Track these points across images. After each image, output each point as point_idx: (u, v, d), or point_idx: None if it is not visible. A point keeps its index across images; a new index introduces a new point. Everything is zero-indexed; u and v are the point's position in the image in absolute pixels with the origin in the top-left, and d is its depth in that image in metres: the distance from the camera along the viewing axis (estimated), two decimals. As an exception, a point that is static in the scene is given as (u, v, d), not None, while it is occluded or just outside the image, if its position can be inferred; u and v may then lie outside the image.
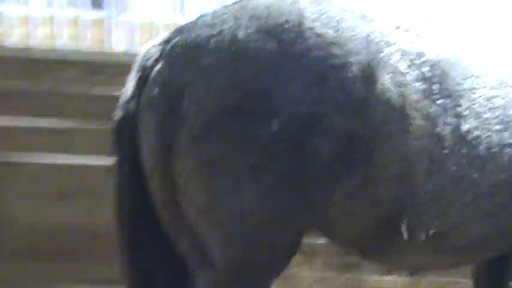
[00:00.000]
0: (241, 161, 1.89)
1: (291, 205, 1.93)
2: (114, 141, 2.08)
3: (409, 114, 1.94)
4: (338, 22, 1.96)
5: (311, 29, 1.92)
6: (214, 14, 2.02)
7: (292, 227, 1.99)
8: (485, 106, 2.04)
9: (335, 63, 1.91)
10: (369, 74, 1.93)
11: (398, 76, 1.95)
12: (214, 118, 1.90)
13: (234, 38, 1.92)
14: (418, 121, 1.94)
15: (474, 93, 2.03)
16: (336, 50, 1.92)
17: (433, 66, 1.99)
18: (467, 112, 2.01)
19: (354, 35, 1.95)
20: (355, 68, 1.92)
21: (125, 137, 2.06)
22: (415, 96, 1.95)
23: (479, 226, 2.09)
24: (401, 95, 1.94)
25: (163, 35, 2.13)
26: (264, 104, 1.89)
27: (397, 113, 1.93)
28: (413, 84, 1.95)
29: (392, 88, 1.93)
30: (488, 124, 2.03)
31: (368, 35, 1.97)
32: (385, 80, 1.94)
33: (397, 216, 2.00)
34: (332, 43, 1.92)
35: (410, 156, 1.95)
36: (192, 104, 1.92)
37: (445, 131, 1.97)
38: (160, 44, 2.06)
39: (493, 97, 2.06)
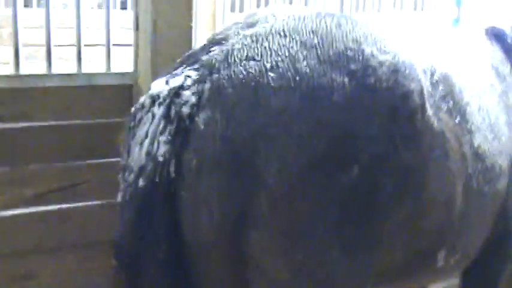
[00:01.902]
0: (327, 217, 1.61)
1: (371, 256, 1.72)
2: (133, 219, 1.68)
3: (447, 137, 1.84)
4: (386, 46, 1.75)
5: (373, 56, 1.70)
6: (244, 42, 1.70)
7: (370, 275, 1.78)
8: (480, 117, 2.03)
9: (402, 92, 1.70)
10: (423, 101, 1.76)
11: (431, 98, 1.83)
12: (300, 173, 1.58)
13: (297, 72, 1.62)
14: (453, 143, 1.86)
15: (471, 106, 2.00)
16: (400, 78, 1.71)
17: (444, 83, 1.92)
18: (473, 127, 1.98)
19: (405, 60, 1.76)
20: (416, 96, 1.73)
21: (157, 212, 1.67)
22: (444, 117, 1.86)
23: (479, 233, 2.11)
24: (439, 119, 1.83)
25: (183, 70, 1.74)
26: (348, 148, 1.62)
27: (440, 138, 1.81)
28: (441, 105, 1.87)
29: (431, 112, 1.80)
30: (486, 135, 2.02)
31: (410, 59, 1.78)
32: (428, 105, 1.79)
33: (436, 245, 1.92)
34: (395, 71, 1.70)
35: (452, 181, 1.85)
36: (272, 160, 1.57)
37: (466, 149, 1.92)
38: (192, 85, 1.68)
39: (481, 107, 2.06)
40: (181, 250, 1.69)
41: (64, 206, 2.75)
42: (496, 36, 2.42)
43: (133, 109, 1.77)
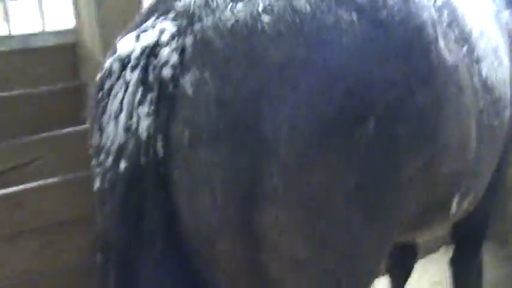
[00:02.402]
0: (347, 180, 1.38)
1: (391, 215, 1.53)
2: (118, 211, 1.40)
3: (459, 70, 1.61)
4: None
5: None
6: None
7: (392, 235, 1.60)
8: (484, 42, 1.82)
9: (416, 25, 1.46)
10: (436, 32, 1.53)
11: (439, 27, 1.59)
12: (314, 135, 1.33)
13: (297, 12, 1.35)
14: (465, 76, 1.64)
15: (474, 31, 1.80)
16: (412, 8, 1.47)
17: (447, 7, 1.69)
18: (480, 55, 1.77)
19: None
20: (430, 27, 1.50)
21: (146, 200, 1.38)
22: (454, 47, 1.64)
23: (489, 171, 1.97)
24: (450, 50, 1.60)
25: (155, 22, 1.42)
26: (364, 98, 1.36)
27: (453, 73, 1.59)
28: (448, 33, 1.64)
29: (443, 44, 1.57)
30: (492, 62, 1.83)
31: None
32: (440, 35, 1.57)
33: (452, 190, 1.74)
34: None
35: (467, 120, 1.65)
36: (280, 124, 1.31)
37: (476, 81, 1.72)
38: (170, 40, 1.38)
39: (483, 32, 1.86)
40: (180, 242, 1.42)
41: (18, 188, 2.44)
42: None
43: (98, 77, 1.46)
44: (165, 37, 1.38)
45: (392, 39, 1.42)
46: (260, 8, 1.36)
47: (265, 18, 1.34)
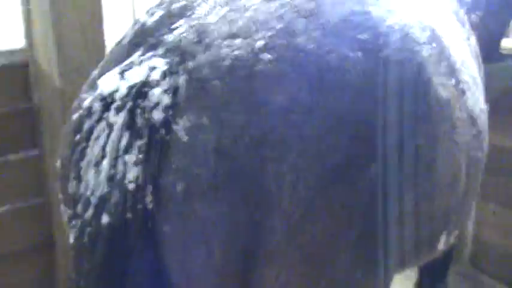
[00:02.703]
0: (350, 232, 1.30)
1: (390, 261, 1.46)
2: (99, 270, 1.25)
3: (451, 104, 1.56)
4: (388, 2, 1.46)
5: (383, 19, 1.40)
6: (219, 12, 1.29)
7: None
8: (465, 73, 1.75)
9: (417, 62, 1.42)
10: (433, 68, 1.49)
11: (434, 61, 1.53)
12: (320, 184, 1.23)
13: (299, 50, 1.25)
14: (455, 110, 1.58)
15: (457, 62, 1.73)
16: (413, 44, 1.42)
17: (435, 39, 1.61)
18: (465, 86, 1.70)
19: (409, 18, 1.47)
20: (430, 64, 1.47)
21: (133, 259, 1.23)
22: (445, 81, 1.57)
23: (472, 204, 1.92)
24: (443, 85, 1.53)
25: (142, 58, 1.28)
26: (370, 143, 1.30)
27: (447, 108, 1.53)
28: (439, 67, 1.56)
29: (438, 80, 1.51)
30: (474, 93, 1.77)
31: (411, 14, 1.51)
32: (435, 71, 1.52)
33: (440, 228, 1.67)
34: (406, 35, 1.42)
35: (458, 155, 1.59)
36: (285, 174, 1.20)
37: (463, 113, 1.64)
38: (161, 79, 1.24)
39: (463, 61, 1.78)
40: None
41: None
42: None
43: (75, 115, 1.31)
44: (155, 76, 1.24)
45: (396, 78, 1.35)
46: (260, 45, 1.25)
47: (266, 56, 1.23)
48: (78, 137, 1.27)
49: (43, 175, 2.43)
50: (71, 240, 1.28)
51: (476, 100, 1.74)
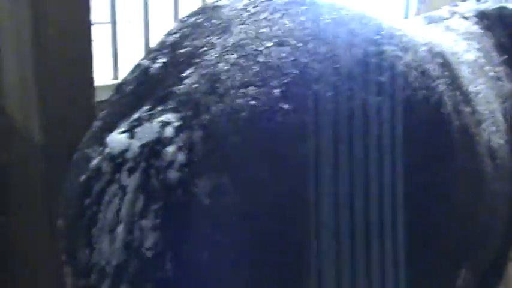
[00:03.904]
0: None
1: None
2: None
3: (469, 134, 1.57)
4: (401, 37, 1.46)
5: (398, 57, 1.38)
6: (230, 58, 1.22)
7: None
8: (482, 105, 1.76)
9: (436, 100, 1.43)
10: (450, 102, 1.50)
11: (449, 93, 1.52)
12: (345, 237, 1.24)
13: (320, 98, 1.21)
14: (473, 140, 1.59)
15: (472, 93, 1.74)
16: (429, 81, 1.43)
17: (448, 68, 1.61)
18: (481, 117, 1.71)
19: (423, 52, 1.49)
20: (446, 98, 1.47)
21: None
22: (462, 110, 1.57)
23: (493, 241, 1.91)
24: (459, 114, 1.53)
25: (152, 113, 1.20)
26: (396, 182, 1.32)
27: (466, 138, 1.54)
28: (456, 97, 1.56)
29: (452, 109, 1.50)
30: (492, 124, 1.78)
31: (423, 46, 1.52)
32: (450, 103, 1.51)
33: (459, 262, 1.64)
34: (423, 72, 1.43)
35: (478, 185, 1.59)
36: (316, 232, 1.16)
37: (481, 143, 1.65)
38: (175, 136, 1.15)
39: (480, 93, 1.80)
40: None
41: None
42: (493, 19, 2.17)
43: (83, 177, 1.23)
44: (168, 133, 1.17)
45: (417, 119, 1.35)
46: (277, 93, 1.19)
47: (285, 105, 1.18)
48: (87, 201, 1.20)
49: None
50: None
51: (493, 133, 1.75)
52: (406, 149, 1.29)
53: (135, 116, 1.21)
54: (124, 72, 2.29)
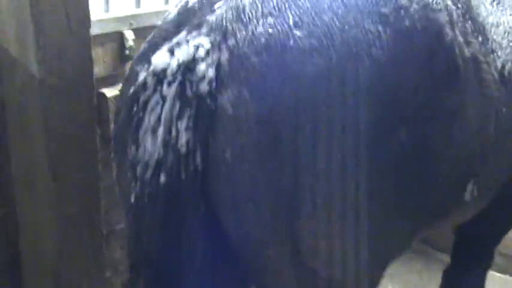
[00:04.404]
0: (383, 191, 1.50)
1: (417, 209, 1.62)
2: (160, 225, 1.46)
3: (478, 62, 1.71)
4: None
5: None
6: None
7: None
8: (498, 34, 1.89)
9: (436, 30, 1.56)
10: (454, 31, 1.62)
11: (457, 21, 1.67)
12: (351, 146, 1.44)
13: (327, 27, 1.41)
14: (484, 66, 1.73)
15: (487, 21, 1.88)
16: (431, 13, 1.56)
17: (462, 2, 1.75)
18: (495, 45, 1.85)
19: None
20: (448, 29, 1.59)
21: (189, 215, 1.44)
22: (471, 40, 1.71)
23: (503, 165, 2.04)
24: (468, 43, 1.68)
25: (189, 37, 1.46)
26: (395, 108, 1.49)
27: (473, 66, 1.67)
28: (465, 26, 1.71)
29: (462, 40, 1.65)
30: (509, 53, 1.90)
31: None
32: (458, 32, 1.65)
33: (466, 175, 1.81)
34: (425, 5, 1.56)
35: (486, 109, 1.74)
36: (318, 136, 1.39)
37: (493, 70, 1.79)
38: (206, 56, 1.42)
39: (498, 22, 1.93)
40: (217, 256, 1.52)
41: None
42: None
43: (132, 89, 1.51)
44: (200, 53, 1.44)
45: (416, 48, 1.51)
46: (291, 23, 1.42)
47: (297, 32, 1.41)
48: (135, 108, 1.48)
49: (6, 182, 2.17)
50: (131, 200, 1.50)
51: (508, 62, 1.87)
52: (405, 74, 1.47)
53: (175, 40, 1.47)
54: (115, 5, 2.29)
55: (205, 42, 1.44)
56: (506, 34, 1.90)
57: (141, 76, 1.48)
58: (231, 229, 1.49)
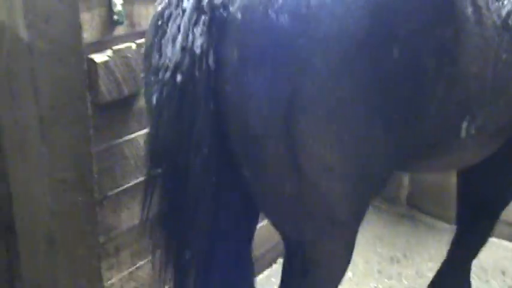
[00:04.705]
0: (370, 101, 1.61)
1: (406, 132, 1.74)
2: (173, 118, 1.63)
3: (478, 3, 1.79)
4: None
5: None
6: None
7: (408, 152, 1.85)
8: None
9: None
10: None
11: None
12: (344, 55, 1.56)
13: None
14: (484, 10, 1.81)
15: None
16: None
17: None
18: None
19: None
20: None
21: (199, 108, 1.61)
22: None
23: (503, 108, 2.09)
24: None
25: None
26: (389, 26, 1.60)
27: (472, 4, 1.76)
28: None
29: None
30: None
31: None
32: None
33: (462, 113, 1.90)
34: None
35: (484, 51, 1.82)
36: (316, 44, 1.54)
37: (495, 17, 1.86)
38: None
39: None
40: (224, 147, 1.69)
41: None
42: None
43: (159, 8, 1.70)
44: None
45: None
46: None
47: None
48: (159, 22, 1.66)
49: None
50: (154, 100, 1.66)
51: None
52: (409, 16, 1.60)
53: None
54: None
55: None
56: None
57: None
58: (235, 122, 1.63)
